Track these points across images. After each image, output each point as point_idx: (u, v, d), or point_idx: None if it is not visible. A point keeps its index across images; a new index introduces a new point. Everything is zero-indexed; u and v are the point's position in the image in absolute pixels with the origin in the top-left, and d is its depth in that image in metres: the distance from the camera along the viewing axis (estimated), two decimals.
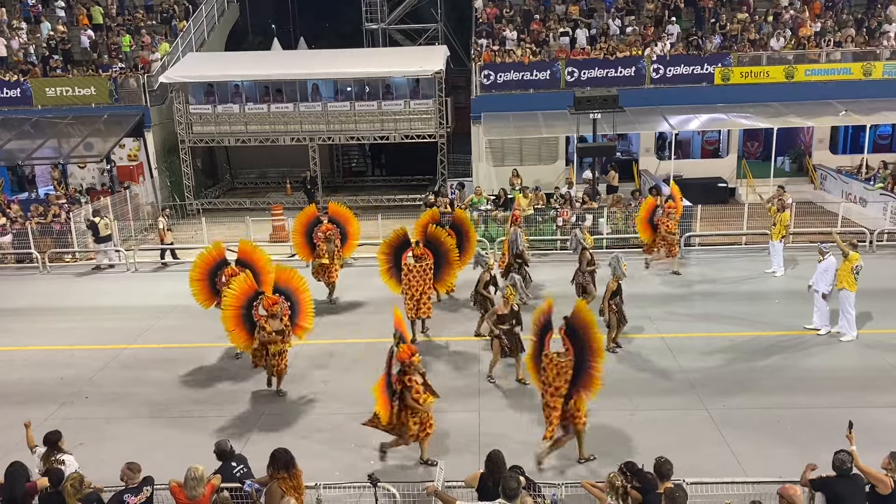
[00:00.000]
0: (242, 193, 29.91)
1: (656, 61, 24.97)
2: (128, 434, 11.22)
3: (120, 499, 7.51)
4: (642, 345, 13.80)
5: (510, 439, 10.46)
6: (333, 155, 32.25)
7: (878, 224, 20.20)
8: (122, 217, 22.95)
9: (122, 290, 18.64)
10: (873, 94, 24.26)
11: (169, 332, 15.44)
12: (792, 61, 24.95)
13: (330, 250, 16.34)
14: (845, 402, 11.26)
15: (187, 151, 26.88)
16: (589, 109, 20.59)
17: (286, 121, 26.53)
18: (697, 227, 20.08)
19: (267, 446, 8.40)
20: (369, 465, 9.90)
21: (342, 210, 17.08)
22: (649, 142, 26.13)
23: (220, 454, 8.38)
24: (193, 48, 29.00)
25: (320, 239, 16.31)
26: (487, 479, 7.51)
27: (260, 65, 27.59)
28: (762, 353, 13.29)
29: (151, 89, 26.52)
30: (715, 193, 24.13)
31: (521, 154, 25.69)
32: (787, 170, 26.91)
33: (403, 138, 26.50)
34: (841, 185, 23.74)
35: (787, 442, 10.30)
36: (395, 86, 26.86)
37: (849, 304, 13.59)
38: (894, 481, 7.22)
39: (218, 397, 12.41)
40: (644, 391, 11.99)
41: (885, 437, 9.64)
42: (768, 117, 23.87)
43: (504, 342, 12.26)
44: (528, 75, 25.35)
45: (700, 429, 10.80)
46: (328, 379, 12.94)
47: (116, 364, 13.95)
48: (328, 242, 16.31)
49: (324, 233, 16.36)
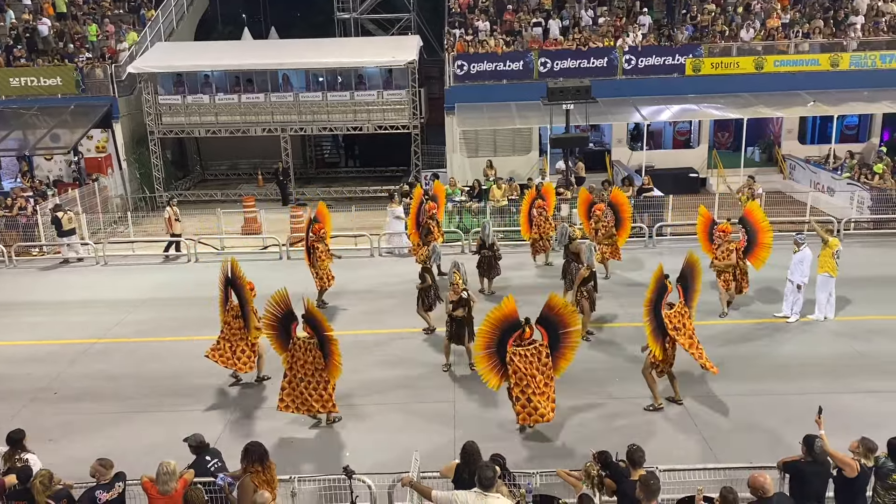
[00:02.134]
0: (213, 185, 29.59)
1: (628, 52, 25.10)
2: (98, 429, 11.06)
3: (91, 495, 7.40)
4: (615, 332, 13.90)
5: (486, 428, 10.51)
6: (306, 146, 32.03)
7: (845, 213, 20.54)
8: (91, 210, 22.57)
9: (91, 284, 18.35)
10: (840, 85, 24.63)
11: (140, 326, 15.23)
12: (761, 52, 25.23)
13: (324, 250, 15.52)
14: (815, 388, 11.45)
15: (157, 143, 26.50)
16: (562, 100, 20.66)
17: (257, 111, 26.27)
18: (669, 216, 20.25)
19: (240, 440, 8.33)
20: (345, 458, 9.87)
21: (324, 209, 16.35)
22: (621, 132, 26.29)
23: (196, 447, 8.29)
24: (162, 38, 28.57)
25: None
26: (463, 471, 7.52)
27: (230, 55, 27.26)
28: (733, 341, 13.46)
29: (119, 80, 26.09)
30: (686, 183, 24.36)
31: (495, 145, 25.71)
32: (756, 160, 27.25)
33: (377, 129, 26.37)
34: (809, 175, 24.10)
35: (757, 428, 10.45)
36: (367, 76, 26.70)
37: (829, 287, 14.02)
38: (861, 465, 7.36)
39: (190, 391, 12.26)
40: (616, 379, 12.08)
41: (852, 421, 9.83)
42: (738, 108, 24.13)
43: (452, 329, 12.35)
44: (502, 66, 25.33)
45: (672, 416, 10.91)
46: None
47: (86, 359, 13.73)
48: (321, 242, 15.55)
49: (316, 233, 15.53)
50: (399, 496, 8.07)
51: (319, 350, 10.24)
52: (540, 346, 10.03)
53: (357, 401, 11.56)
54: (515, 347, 9.97)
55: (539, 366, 10.01)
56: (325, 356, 10.22)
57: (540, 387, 10.02)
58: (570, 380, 11.80)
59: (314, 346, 10.26)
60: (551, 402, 10.13)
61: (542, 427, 10.48)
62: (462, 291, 12.11)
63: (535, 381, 9.97)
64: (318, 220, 15.77)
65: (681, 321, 10.81)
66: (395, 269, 18.37)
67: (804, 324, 14.03)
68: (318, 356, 10.26)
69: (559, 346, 10.17)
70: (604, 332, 13.97)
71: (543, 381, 10.05)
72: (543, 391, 10.05)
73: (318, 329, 10.18)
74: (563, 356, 10.24)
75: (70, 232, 20.14)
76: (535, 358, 9.98)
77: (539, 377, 10.00)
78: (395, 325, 14.65)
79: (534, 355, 9.97)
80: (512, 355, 9.91)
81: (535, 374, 9.97)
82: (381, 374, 12.55)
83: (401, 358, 13.20)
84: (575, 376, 11.69)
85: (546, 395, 10.07)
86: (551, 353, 10.09)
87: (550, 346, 10.10)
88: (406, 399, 11.72)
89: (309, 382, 10.39)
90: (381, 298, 16.29)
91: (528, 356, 9.95)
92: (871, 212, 20.42)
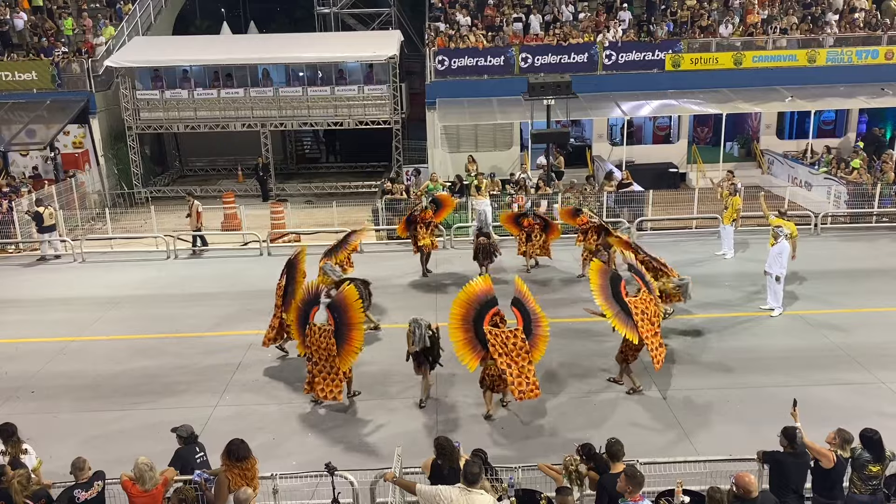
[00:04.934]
0: (192, 181, 29.29)
1: (608, 48, 25.17)
2: (77, 428, 10.94)
3: (70, 495, 7.32)
4: (594, 327, 13.94)
5: (467, 423, 10.54)
6: (286, 141, 31.79)
7: (822, 207, 20.77)
8: (68, 206, 22.30)
9: (69, 281, 18.14)
10: (817, 81, 24.88)
11: (120, 324, 15.09)
12: (740, 48, 25.43)
13: None
14: (791, 380, 11.62)
15: (135, 138, 26.21)
16: (543, 96, 20.68)
17: (237, 106, 26.05)
18: (649, 211, 20.38)
19: (221, 438, 8.28)
20: (326, 455, 9.85)
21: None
22: (602, 128, 26.39)
23: (186, 438, 8.24)
24: (140, 32, 28.21)
25: None
26: (439, 466, 7.55)
27: (209, 49, 26.98)
28: (712, 335, 13.58)
29: (96, 74, 25.74)
30: (666, 178, 24.52)
31: (477, 140, 25.71)
32: (735, 155, 27.47)
33: (358, 124, 26.26)
34: (787, 170, 24.34)
35: (736, 420, 10.57)
36: (348, 71, 26.56)
37: None
38: (837, 456, 7.47)
39: (170, 388, 12.17)
40: (597, 373, 12.15)
41: (828, 413, 9.97)
42: (717, 103, 24.32)
43: None
44: (483, 61, 25.32)
45: (652, 409, 11.00)
46: (282, 369, 12.81)
47: (64, 357, 13.58)
48: None
49: None
50: (382, 492, 8.07)
51: (334, 338, 10.42)
52: (515, 330, 10.20)
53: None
54: (491, 327, 10.11)
55: (516, 350, 10.12)
56: (339, 344, 10.42)
57: (521, 369, 10.14)
58: (550, 374, 11.90)
59: (329, 332, 10.46)
60: (533, 384, 10.21)
61: (523, 421, 10.54)
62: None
63: (515, 362, 10.10)
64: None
65: (647, 307, 10.80)
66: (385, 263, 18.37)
67: (783, 318, 14.19)
68: (332, 343, 10.45)
69: (532, 335, 10.35)
70: (584, 325, 14.00)
71: (521, 363, 10.14)
72: (525, 374, 10.16)
73: (342, 315, 10.39)
74: (535, 347, 10.37)
75: (50, 228, 19.89)
76: (509, 341, 10.12)
77: (518, 360, 10.12)
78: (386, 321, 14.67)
79: (508, 338, 10.12)
80: (489, 335, 10.05)
81: (512, 355, 10.11)
82: (365, 369, 12.50)
83: (383, 353, 13.17)
84: (554, 371, 11.77)
85: (525, 377, 10.16)
86: (527, 338, 10.23)
87: (525, 331, 10.26)
88: (387, 395, 11.71)
89: (322, 368, 10.65)
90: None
91: (503, 337, 10.09)
92: (848, 206, 20.67)
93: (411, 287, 16.78)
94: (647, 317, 10.73)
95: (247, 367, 12.77)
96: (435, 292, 16.25)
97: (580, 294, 14.92)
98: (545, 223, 17.14)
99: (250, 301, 15.52)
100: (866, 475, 7.52)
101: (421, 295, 16.25)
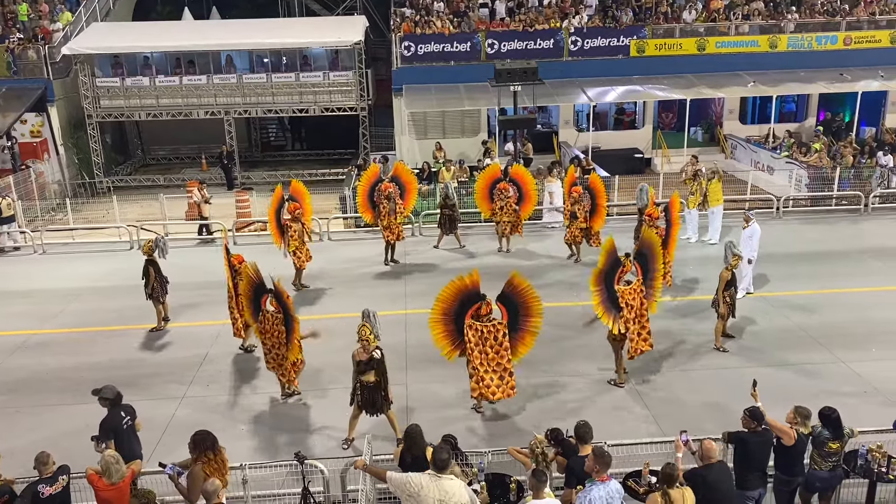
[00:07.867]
0: (155, 170, 28.85)
1: (574, 34, 25.25)
2: (40, 422, 10.76)
3: (34, 490, 7.19)
4: (563, 312, 14.05)
5: (439, 410, 10.57)
6: (251, 129, 31.43)
7: (784, 191, 21.14)
8: (27, 197, 21.79)
9: (29, 273, 17.76)
10: (779, 66, 25.27)
11: (83, 316, 14.82)
12: (703, 34, 25.69)
13: (298, 230, 15.19)
14: (754, 361, 11.85)
15: (95, 127, 25.69)
16: (509, 82, 20.73)
17: (200, 94, 25.67)
18: (615, 197, 20.53)
19: (187, 430, 8.19)
20: (296, 443, 9.82)
21: (300, 186, 15.94)
22: (568, 114, 26.51)
23: (113, 400, 7.97)
24: (98, 18, 27.60)
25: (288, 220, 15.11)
26: (406, 454, 7.56)
27: (170, 35, 26.49)
28: (677, 317, 13.77)
29: (54, 61, 25.14)
30: (631, 164, 24.74)
31: (444, 127, 25.66)
32: (699, 140, 27.83)
33: (323, 111, 26.04)
34: (750, 154, 24.72)
35: (701, 401, 10.75)
36: (313, 57, 26.30)
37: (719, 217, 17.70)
38: (798, 433, 7.65)
39: (136, 381, 11.96)
40: (565, 357, 12.27)
41: (789, 392, 10.15)
42: (682, 89, 24.58)
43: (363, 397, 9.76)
44: (449, 47, 25.25)
45: (619, 393, 11.14)
46: (248, 359, 12.71)
47: (26, 350, 13.32)
48: (296, 222, 15.13)
49: (291, 213, 15.05)
50: (352, 479, 8.06)
51: (283, 326, 10.46)
52: (498, 325, 10.01)
53: (304, 385, 11.46)
54: (472, 321, 9.98)
55: (493, 344, 9.97)
56: (287, 332, 10.45)
57: (492, 365, 10.02)
58: (523, 359, 11.94)
59: (280, 321, 10.49)
60: (506, 383, 10.07)
61: (495, 406, 10.59)
62: (374, 350, 9.43)
63: (487, 359, 9.99)
64: (294, 199, 15.38)
65: (634, 299, 10.83)
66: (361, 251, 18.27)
67: (746, 299, 14.41)
68: (282, 332, 10.50)
69: (518, 329, 10.16)
70: (556, 311, 14.06)
71: (496, 360, 10.01)
72: (495, 370, 10.04)
73: (284, 306, 10.46)
74: (521, 340, 10.20)
75: (9, 219, 19.45)
76: (490, 336, 9.96)
77: (492, 355, 9.97)
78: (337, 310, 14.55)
79: (490, 332, 9.95)
80: (468, 328, 9.93)
81: (487, 352, 9.96)
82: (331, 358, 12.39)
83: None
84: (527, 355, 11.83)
85: (499, 375, 10.04)
86: (510, 333, 10.05)
87: (510, 326, 10.07)
88: None
89: (277, 354, 10.71)
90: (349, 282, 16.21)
91: (482, 332, 9.94)
92: (809, 190, 21.07)
93: (377, 277, 16.72)
94: (633, 309, 10.76)
95: (214, 358, 12.64)
96: (403, 280, 16.24)
97: (556, 277, 14.95)
98: (520, 193, 17.28)
99: (216, 291, 15.30)
100: (826, 452, 7.71)
101: (389, 283, 16.20)
